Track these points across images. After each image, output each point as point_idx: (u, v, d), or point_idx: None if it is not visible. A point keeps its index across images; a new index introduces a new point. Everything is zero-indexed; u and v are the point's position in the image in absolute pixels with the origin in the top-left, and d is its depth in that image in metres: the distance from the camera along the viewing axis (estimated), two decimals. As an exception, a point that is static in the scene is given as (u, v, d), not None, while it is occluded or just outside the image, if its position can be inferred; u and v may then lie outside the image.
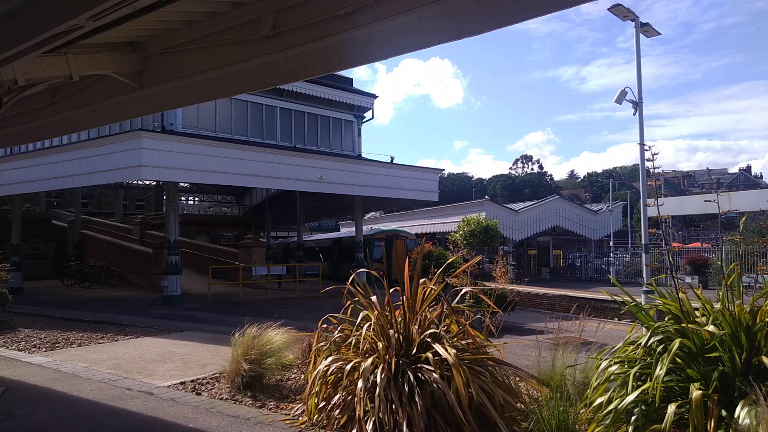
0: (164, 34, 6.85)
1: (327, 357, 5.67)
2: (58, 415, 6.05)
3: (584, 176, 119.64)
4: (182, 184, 39.62)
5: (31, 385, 7.38)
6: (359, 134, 28.17)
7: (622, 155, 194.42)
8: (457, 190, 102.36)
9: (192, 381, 7.39)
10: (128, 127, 20.21)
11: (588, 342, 6.29)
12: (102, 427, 5.70)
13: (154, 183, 38.65)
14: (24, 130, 9.23)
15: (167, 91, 7.27)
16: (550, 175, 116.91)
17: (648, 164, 5.85)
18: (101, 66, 6.99)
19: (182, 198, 50.49)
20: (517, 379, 5.54)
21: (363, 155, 27.75)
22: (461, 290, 6.49)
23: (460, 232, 14.97)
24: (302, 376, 6.97)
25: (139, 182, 42.48)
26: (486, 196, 49.28)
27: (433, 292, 5.87)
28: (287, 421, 5.64)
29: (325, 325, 6.26)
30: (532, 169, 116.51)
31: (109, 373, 7.98)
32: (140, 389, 7.04)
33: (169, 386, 7.20)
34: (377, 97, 29.11)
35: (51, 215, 35.53)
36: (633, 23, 15.84)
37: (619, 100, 16.27)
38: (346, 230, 38.70)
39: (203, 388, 7.09)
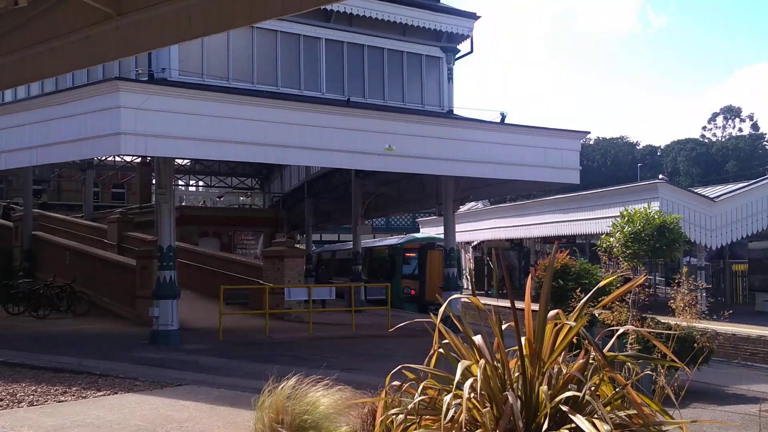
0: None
1: (402, 432, 5.63)
2: None
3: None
4: (180, 162, 40.95)
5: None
6: (450, 79, 27.91)
7: None
8: (611, 165, 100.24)
9: (195, 463, 7.57)
10: (100, 76, 20.94)
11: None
12: None
13: (139, 160, 40.13)
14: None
15: (153, 20, 7.43)
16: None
17: None
18: (59, -17, 7.24)
19: (180, 183, 52.28)
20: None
21: (456, 112, 27.54)
22: (618, 330, 6.29)
23: (617, 235, 14.54)
24: (363, 461, 6.98)
25: (117, 159, 44.23)
26: (661, 175, 47.74)
27: (570, 331, 5.72)
28: None
29: (396, 382, 6.23)
30: (740, 130, 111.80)
31: (75, 448, 8.30)
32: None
33: (161, 470, 7.41)
34: (479, 17, 28.28)
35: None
36: None
37: None
38: (430, 228, 38.85)
39: (212, 474, 7.24)
